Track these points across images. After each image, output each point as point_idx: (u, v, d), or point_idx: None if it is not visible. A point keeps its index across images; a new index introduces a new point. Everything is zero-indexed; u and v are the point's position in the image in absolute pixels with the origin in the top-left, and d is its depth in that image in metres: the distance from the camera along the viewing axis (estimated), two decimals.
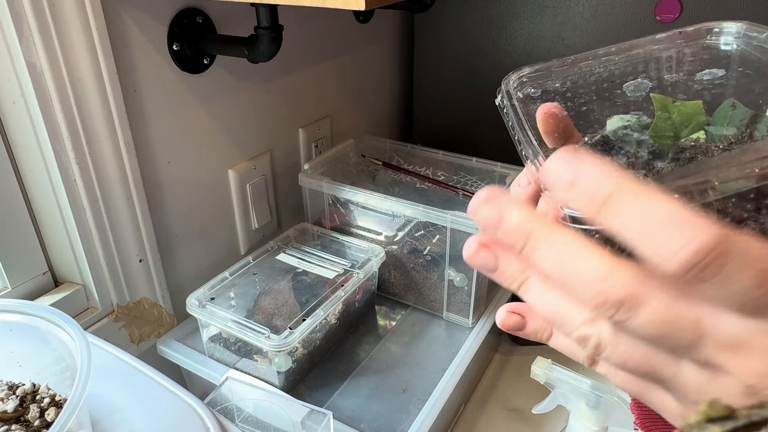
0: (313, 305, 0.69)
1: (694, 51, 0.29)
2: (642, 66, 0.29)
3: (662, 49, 0.30)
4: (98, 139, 0.61)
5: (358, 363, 0.73)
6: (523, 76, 0.28)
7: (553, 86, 0.29)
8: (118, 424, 0.43)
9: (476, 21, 1.04)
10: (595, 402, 0.63)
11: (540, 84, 0.29)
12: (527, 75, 0.29)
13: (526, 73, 0.29)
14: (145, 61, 0.65)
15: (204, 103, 0.74)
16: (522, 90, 0.28)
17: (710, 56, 0.29)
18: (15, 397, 0.42)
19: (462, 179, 0.91)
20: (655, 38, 0.30)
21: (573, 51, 1.06)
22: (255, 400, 0.62)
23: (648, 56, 0.30)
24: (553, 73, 0.29)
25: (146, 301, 0.73)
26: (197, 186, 0.77)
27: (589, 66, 0.29)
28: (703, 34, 0.29)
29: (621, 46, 0.30)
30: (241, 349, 0.69)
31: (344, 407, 0.66)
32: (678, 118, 0.26)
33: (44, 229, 0.65)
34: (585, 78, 0.29)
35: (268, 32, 0.63)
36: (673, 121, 0.26)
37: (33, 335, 0.42)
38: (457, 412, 0.79)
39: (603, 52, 0.30)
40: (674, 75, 0.29)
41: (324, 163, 0.89)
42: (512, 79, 0.28)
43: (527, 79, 0.29)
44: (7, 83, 0.56)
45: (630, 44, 0.30)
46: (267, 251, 0.80)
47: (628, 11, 0.90)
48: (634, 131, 0.26)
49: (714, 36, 0.29)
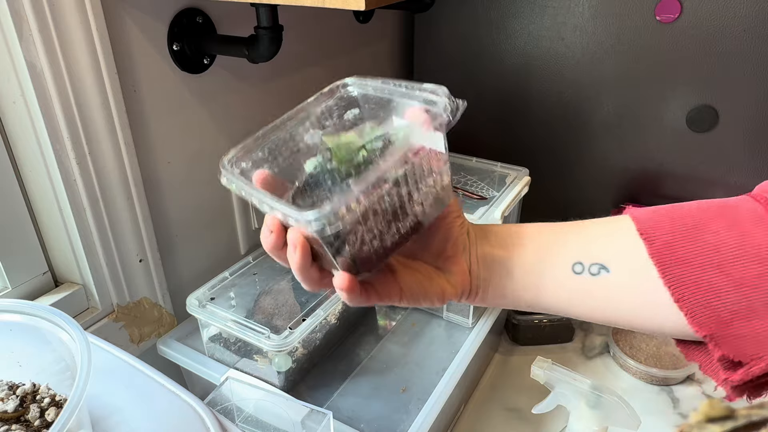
0: (313, 305, 0.69)
1: (336, 102, 0.41)
2: (309, 122, 0.41)
3: (317, 105, 0.41)
4: (98, 139, 0.61)
5: (358, 363, 0.73)
6: (233, 156, 0.37)
7: (257, 156, 0.38)
8: (118, 424, 0.43)
9: (476, 21, 1.04)
10: (595, 402, 0.63)
11: (248, 157, 0.38)
12: (236, 155, 0.37)
13: (234, 154, 0.37)
14: (145, 61, 0.65)
15: (204, 103, 0.74)
16: (238, 165, 0.37)
17: (347, 102, 0.41)
18: (15, 397, 0.42)
19: (462, 179, 0.91)
20: (309, 101, 0.41)
21: (573, 51, 1.06)
22: (255, 400, 0.62)
23: (310, 114, 0.41)
24: (254, 147, 0.38)
25: (146, 301, 0.73)
26: (197, 186, 0.77)
27: (276, 134, 0.39)
28: (336, 90, 0.42)
29: (291, 113, 0.40)
30: (241, 349, 0.69)
31: (344, 407, 0.66)
32: (345, 147, 0.37)
33: (44, 229, 0.65)
34: (277, 143, 0.39)
35: (268, 32, 0.63)
36: (343, 150, 0.37)
37: (33, 335, 0.42)
38: (457, 412, 0.79)
39: (280, 121, 0.40)
40: (330, 121, 0.41)
41: None
42: (226, 161, 0.37)
43: (237, 158, 0.37)
44: (7, 83, 0.56)
45: (296, 109, 0.41)
46: None
47: (628, 11, 0.90)
48: (324, 166, 0.37)
49: (343, 89, 0.42)
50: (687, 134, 0.93)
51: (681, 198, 0.44)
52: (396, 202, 0.35)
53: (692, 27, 0.86)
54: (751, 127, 0.89)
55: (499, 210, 0.74)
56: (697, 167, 0.95)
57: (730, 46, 0.85)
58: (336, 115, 0.42)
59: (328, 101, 0.42)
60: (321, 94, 0.42)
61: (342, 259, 0.35)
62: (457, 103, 0.38)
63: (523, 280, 0.43)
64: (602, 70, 0.96)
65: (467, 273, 0.43)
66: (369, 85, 0.41)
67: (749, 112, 0.88)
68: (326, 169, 0.37)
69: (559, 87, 1.00)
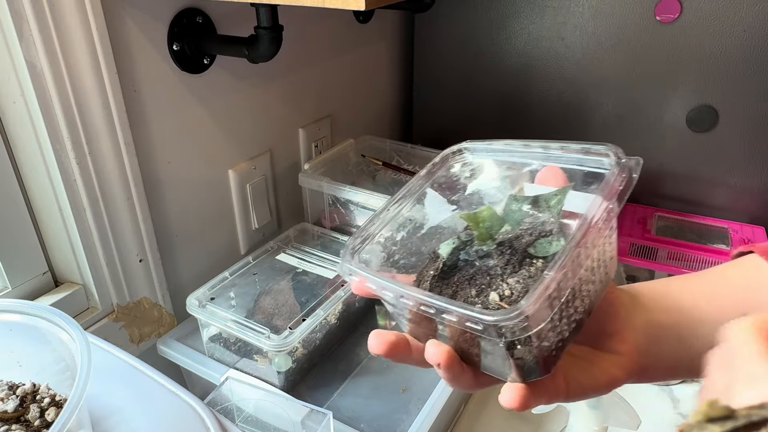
0: (313, 305, 0.69)
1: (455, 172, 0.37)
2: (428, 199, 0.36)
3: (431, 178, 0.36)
4: (98, 139, 0.61)
5: (358, 363, 0.73)
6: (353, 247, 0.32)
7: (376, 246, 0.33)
8: (118, 424, 0.43)
9: (476, 21, 1.04)
10: (595, 402, 0.63)
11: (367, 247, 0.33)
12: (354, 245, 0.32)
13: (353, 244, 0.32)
14: (145, 61, 0.65)
15: (204, 103, 0.74)
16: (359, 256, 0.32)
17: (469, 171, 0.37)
18: (15, 397, 0.42)
19: None
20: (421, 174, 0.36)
21: (573, 51, 1.06)
22: (255, 400, 0.62)
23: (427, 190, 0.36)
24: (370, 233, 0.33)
25: (146, 301, 0.73)
26: (197, 186, 0.77)
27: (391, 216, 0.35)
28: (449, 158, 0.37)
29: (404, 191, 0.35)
30: (241, 349, 0.69)
31: (344, 407, 0.66)
32: (484, 224, 0.33)
33: (44, 229, 0.65)
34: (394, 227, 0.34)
35: (268, 32, 0.63)
36: (483, 228, 0.33)
37: (33, 335, 0.42)
38: (457, 412, 0.79)
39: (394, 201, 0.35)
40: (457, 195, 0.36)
41: (324, 163, 0.89)
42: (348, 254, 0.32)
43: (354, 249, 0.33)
44: (7, 83, 0.56)
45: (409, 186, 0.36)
46: (267, 251, 0.80)
47: (628, 11, 0.90)
48: (463, 248, 0.33)
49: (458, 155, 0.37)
50: (687, 134, 0.93)
51: (681, 198, 0.43)
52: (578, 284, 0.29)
53: (692, 27, 0.86)
54: (751, 127, 0.89)
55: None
56: (697, 167, 0.95)
57: (730, 46, 0.85)
58: (459, 187, 0.37)
59: (444, 172, 0.37)
60: (433, 165, 0.37)
61: (518, 362, 0.28)
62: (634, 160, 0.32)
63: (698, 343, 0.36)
64: (602, 70, 0.96)
65: (634, 351, 0.36)
66: (491, 149, 0.37)
67: (749, 112, 0.88)
68: (470, 252, 0.32)
69: (559, 87, 1.00)
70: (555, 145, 0.34)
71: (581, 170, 0.34)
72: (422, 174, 0.37)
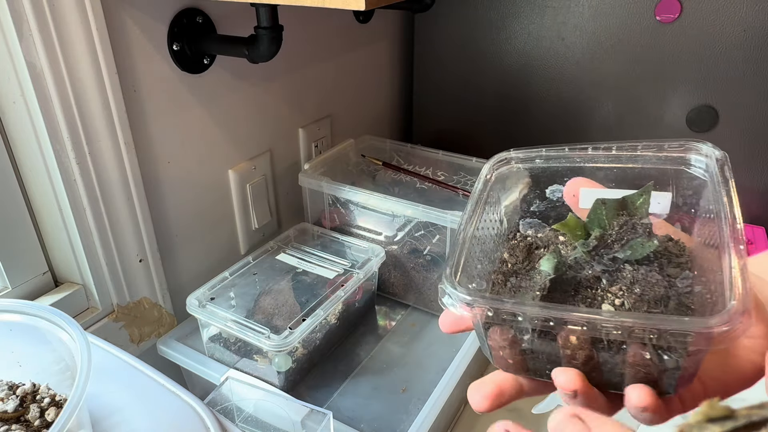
0: (313, 305, 0.69)
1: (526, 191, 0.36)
2: (498, 215, 0.35)
3: (485, 192, 0.35)
4: (98, 139, 0.61)
5: (358, 363, 0.73)
6: (452, 281, 0.29)
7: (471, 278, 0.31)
8: (118, 424, 0.43)
9: (476, 21, 1.04)
10: None
11: (466, 278, 0.30)
12: (451, 278, 0.29)
13: (450, 278, 0.29)
14: (145, 61, 0.65)
15: (204, 103, 0.74)
16: (463, 287, 0.29)
17: (533, 182, 0.36)
18: (15, 397, 0.42)
19: (462, 179, 0.91)
20: (478, 191, 0.35)
21: (573, 51, 1.06)
22: (255, 400, 0.62)
23: (498, 207, 0.35)
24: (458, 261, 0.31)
25: (146, 301, 0.73)
26: (197, 186, 0.77)
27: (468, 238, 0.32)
28: (496, 168, 0.36)
29: (469, 213, 0.33)
30: (241, 349, 0.69)
31: (344, 407, 0.66)
32: (578, 232, 0.32)
33: (44, 229, 0.65)
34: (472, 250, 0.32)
35: (268, 32, 0.63)
36: (579, 236, 0.32)
37: (33, 335, 0.42)
38: (457, 412, 0.79)
39: (462, 225, 0.33)
40: (535, 205, 0.36)
41: (324, 163, 0.89)
42: (452, 286, 0.28)
43: (454, 282, 0.29)
44: (7, 83, 0.56)
45: (471, 208, 0.34)
46: (267, 251, 0.80)
47: (628, 11, 0.90)
48: (562, 261, 0.30)
49: (503, 167, 0.36)
50: (687, 134, 0.93)
51: None
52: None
53: (692, 27, 0.86)
54: (751, 127, 0.89)
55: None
56: None
57: (730, 46, 0.85)
58: (533, 197, 0.36)
59: (499, 185, 0.36)
60: (486, 180, 0.36)
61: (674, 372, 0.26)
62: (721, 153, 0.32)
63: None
64: (602, 70, 0.96)
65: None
66: (541, 156, 0.36)
67: (749, 112, 0.88)
68: (569, 264, 0.31)
69: (559, 87, 1.00)
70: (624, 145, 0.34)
71: (652, 168, 0.33)
72: (478, 189, 0.35)
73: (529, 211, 0.36)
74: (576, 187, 0.34)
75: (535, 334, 0.27)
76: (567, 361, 0.28)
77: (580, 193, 0.34)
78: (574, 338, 0.26)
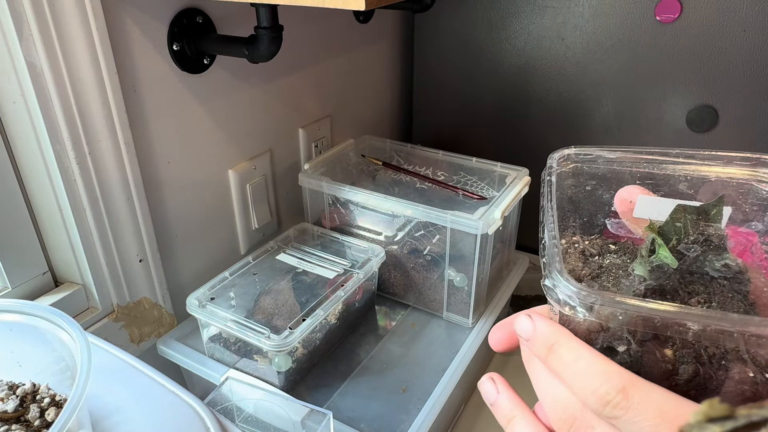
0: (313, 305, 0.69)
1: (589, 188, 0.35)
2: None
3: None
4: (98, 139, 0.61)
5: (358, 363, 0.73)
6: (558, 279, 0.27)
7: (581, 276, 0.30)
8: (118, 424, 0.43)
9: (476, 21, 1.04)
10: None
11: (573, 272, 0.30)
12: (558, 275, 0.28)
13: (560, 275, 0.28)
14: (145, 61, 0.65)
15: (204, 103, 0.74)
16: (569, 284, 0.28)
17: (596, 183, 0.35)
18: (15, 397, 0.42)
19: (462, 179, 0.91)
20: (552, 197, 0.33)
21: (573, 51, 1.06)
22: (255, 400, 0.62)
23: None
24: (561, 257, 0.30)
25: (146, 301, 0.73)
26: (197, 186, 0.77)
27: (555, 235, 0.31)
28: (554, 171, 0.35)
29: (549, 221, 0.32)
30: (241, 349, 0.69)
31: (344, 407, 0.66)
32: (670, 230, 0.31)
33: (44, 229, 0.65)
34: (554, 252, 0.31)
35: (268, 32, 0.63)
36: (671, 235, 0.31)
37: (33, 335, 0.42)
38: (457, 412, 0.79)
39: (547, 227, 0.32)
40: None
41: (324, 163, 0.89)
42: (560, 284, 0.27)
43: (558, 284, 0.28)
44: (7, 83, 0.56)
45: (550, 212, 0.32)
46: (267, 251, 0.80)
47: (628, 11, 0.90)
48: (654, 265, 0.29)
49: (558, 166, 0.35)
50: (687, 134, 0.93)
51: None
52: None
53: (692, 27, 0.86)
54: (751, 127, 0.89)
55: (499, 210, 0.74)
56: None
57: (730, 46, 0.85)
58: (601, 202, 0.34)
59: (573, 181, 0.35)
60: (552, 180, 0.35)
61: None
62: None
63: None
64: (602, 70, 0.96)
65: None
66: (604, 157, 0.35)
67: (749, 112, 0.88)
68: (658, 270, 0.29)
69: (559, 87, 1.00)
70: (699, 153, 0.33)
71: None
72: (553, 191, 0.33)
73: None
74: (632, 194, 0.32)
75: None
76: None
77: (638, 201, 0.32)
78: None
